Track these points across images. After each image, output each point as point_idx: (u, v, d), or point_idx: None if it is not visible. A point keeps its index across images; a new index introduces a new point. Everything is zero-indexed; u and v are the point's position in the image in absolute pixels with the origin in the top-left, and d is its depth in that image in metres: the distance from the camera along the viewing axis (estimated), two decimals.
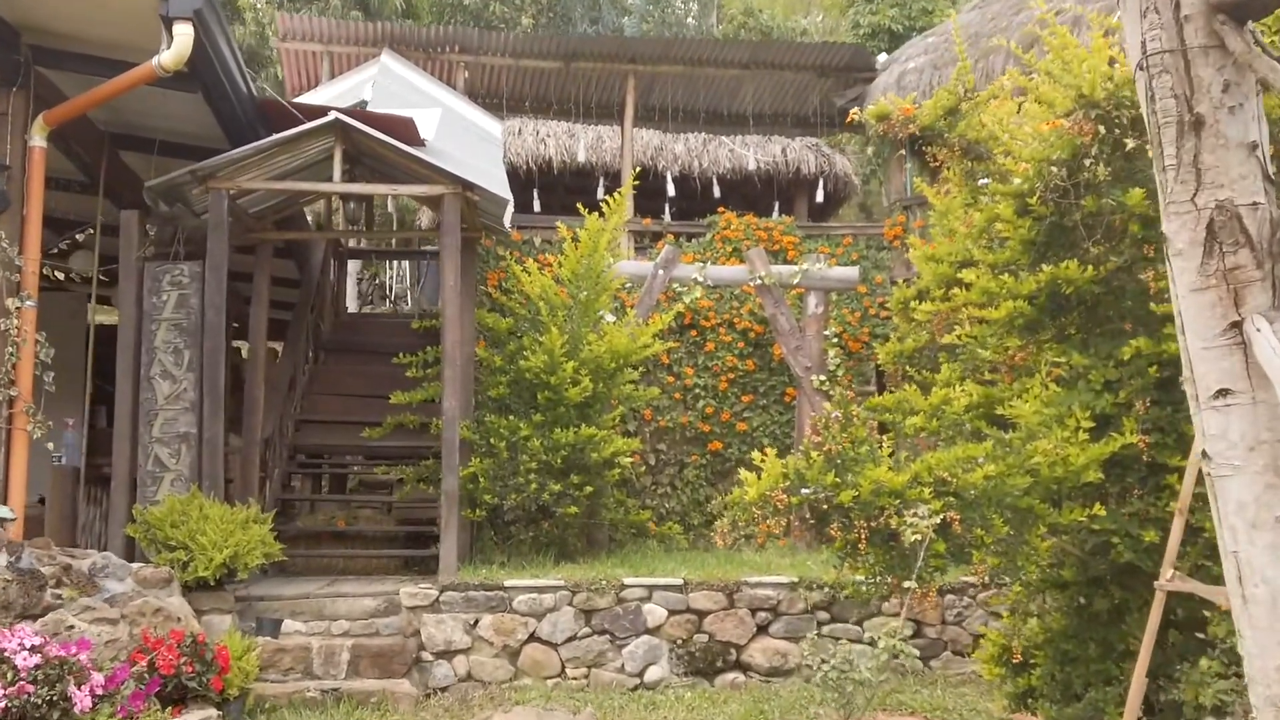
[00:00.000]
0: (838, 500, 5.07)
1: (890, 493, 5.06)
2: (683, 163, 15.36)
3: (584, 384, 9.71)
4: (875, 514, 5.05)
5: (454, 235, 8.89)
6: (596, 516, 10.43)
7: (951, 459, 5.12)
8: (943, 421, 5.51)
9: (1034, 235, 5.53)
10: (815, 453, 5.25)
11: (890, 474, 5.06)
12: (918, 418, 5.51)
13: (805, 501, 5.07)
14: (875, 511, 5.05)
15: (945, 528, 4.98)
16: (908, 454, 5.45)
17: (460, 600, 8.26)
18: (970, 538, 5.12)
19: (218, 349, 8.51)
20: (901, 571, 5.21)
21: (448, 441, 8.75)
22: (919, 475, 5.11)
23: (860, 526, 5.05)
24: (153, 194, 8.67)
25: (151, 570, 7.68)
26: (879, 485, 5.05)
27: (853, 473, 5.25)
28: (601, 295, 10.43)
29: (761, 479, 5.17)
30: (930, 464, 5.13)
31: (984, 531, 5.09)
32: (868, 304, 12.99)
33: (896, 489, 5.05)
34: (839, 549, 5.54)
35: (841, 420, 5.29)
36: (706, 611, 8.45)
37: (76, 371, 9.83)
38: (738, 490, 5.24)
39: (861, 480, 5.08)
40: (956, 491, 5.07)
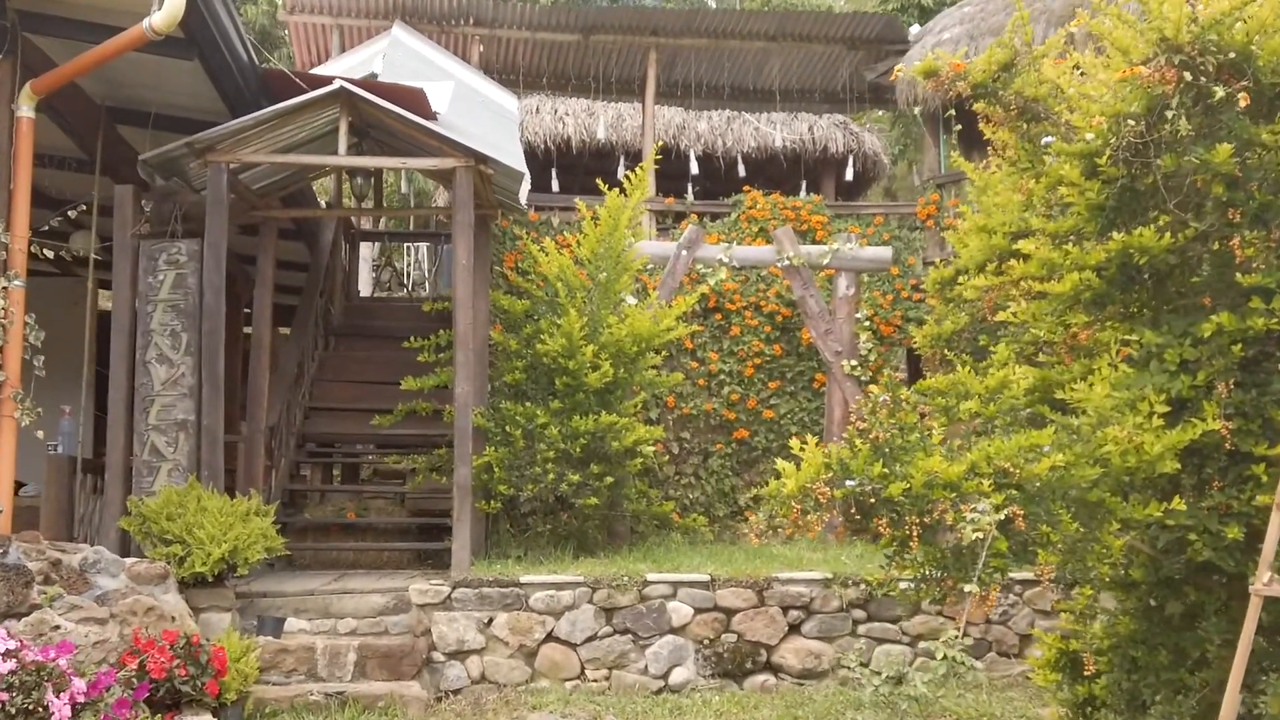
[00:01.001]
0: (886, 493, 4.54)
1: (945, 485, 4.53)
2: (706, 141, 14.85)
3: (604, 369, 9.21)
4: (928, 509, 4.52)
5: (466, 212, 8.39)
6: (617, 508, 9.94)
7: (1013, 448, 4.59)
8: (1000, 406, 4.97)
9: (1103, 199, 4.98)
10: (861, 441, 4.72)
11: (944, 464, 4.54)
12: (972, 402, 4.97)
13: (850, 495, 4.55)
14: (928, 506, 4.53)
15: (1007, 524, 4.45)
16: (961, 442, 4.91)
17: (473, 597, 7.79)
18: (1034, 535, 4.59)
19: (217, 332, 8.05)
20: (957, 572, 4.69)
21: (460, 430, 8.27)
22: (976, 466, 4.58)
23: (911, 522, 4.53)
24: (148, 168, 8.20)
25: (146, 565, 7.23)
26: (932, 477, 4.52)
27: (901, 463, 4.72)
28: (622, 276, 9.93)
29: (801, 470, 4.66)
30: (989, 453, 4.61)
31: (1050, 528, 4.55)
32: (899, 286, 12.44)
33: (952, 481, 4.53)
34: (884, 546, 5.02)
35: (890, 405, 4.77)
36: (735, 609, 7.95)
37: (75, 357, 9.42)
38: (774, 482, 4.73)
39: (913, 471, 4.56)
40: (1019, 484, 4.54)
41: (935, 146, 13.27)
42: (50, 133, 9.23)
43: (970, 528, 4.26)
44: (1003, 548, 4.47)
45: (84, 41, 7.73)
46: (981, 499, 4.49)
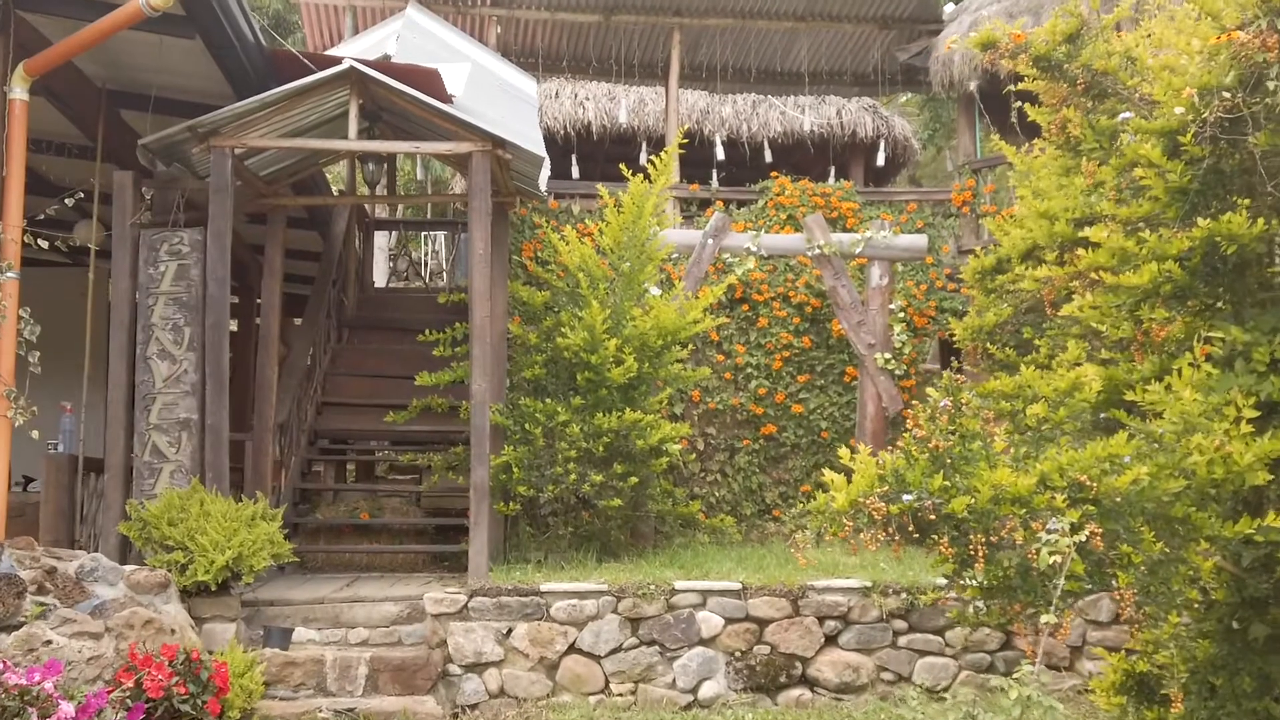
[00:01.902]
0: (948, 509, 4.09)
1: (1013, 500, 4.08)
2: (730, 127, 14.34)
3: (628, 363, 8.77)
4: (995, 526, 4.07)
5: (483, 198, 7.95)
6: (642, 508, 9.52)
7: (1089, 458, 4.12)
8: (1071, 410, 4.50)
9: (1186, 182, 4.50)
10: (918, 450, 4.26)
11: (1013, 476, 4.08)
12: (1039, 406, 4.51)
13: (907, 510, 4.09)
14: (995, 523, 4.07)
15: (1082, 544, 3.99)
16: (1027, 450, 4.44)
17: (491, 606, 7.36)
18: (1113, 555, 4.13)
19: (221, 325, 7.64)
20: (1025, 596, 4.23)
21: (477, 428, 7.83)
22: (1048, 478, 4.12)
23: (977, 542, 4.07)
24: (149, 153, 7.80)
25: (146, 574, 6.84)
26: (999, 490, 4.06)
27: (963, 474, 4.26)
28: (647, 266, 9.47)
29: (853, 482, 4.20)
30: (1062, 464, 4.14)
31: (1131, 547, 4.09)
32: (934, 275, 11.94)
33: (1021, 495, 4.07)
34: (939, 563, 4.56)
35: (951, 410, 4.31)
36: (768, 620, 7.50)
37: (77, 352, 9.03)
38: (823, 496, 4.28)
39: (978, 484, 4.10)
40: (1096, 498, 4.07)
41: (970, 130, 12.75)
42: (50, 117, 8.87)
43: (1046, 550, 3.79)
44: (1079, 569, 4.01)
45: (80, 20, 7.34)
46: (1054, 516, 4.03)
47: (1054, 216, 5.58)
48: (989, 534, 4.07)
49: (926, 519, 4.10)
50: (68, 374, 9.15)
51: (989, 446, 4.32)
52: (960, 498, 4.07)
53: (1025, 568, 4.27)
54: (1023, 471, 4.15)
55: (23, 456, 10.20)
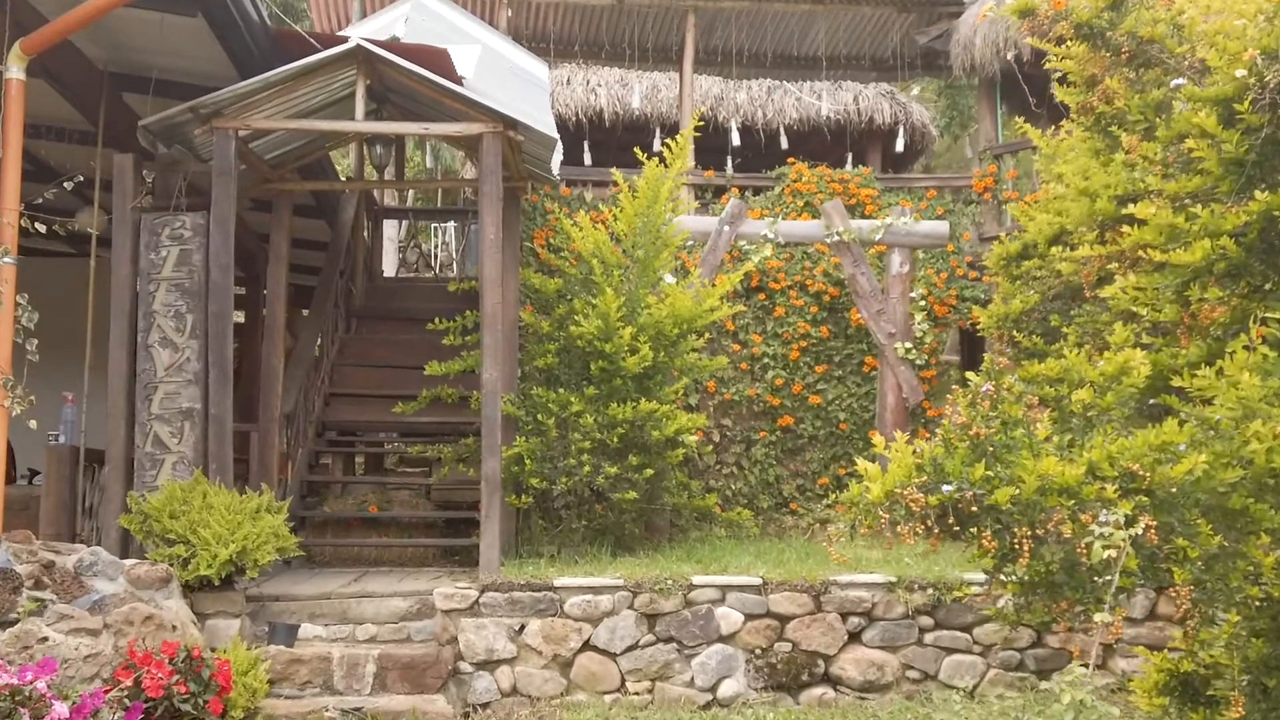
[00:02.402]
0: (990, 500, 3.83)
1: (1060, 490, 3.82)
2: (745, 113, 14.06)
3: (643, 352, 8.52)
4: (1041, 519, 3.81)
5: (494, 182, 7.70)
6: (657, 501, 9.26)
7: (1140, 446, 3.86)
8: (1119, 396, 4.24)
9: (1243, 152, 4.23)
10: (958, 438, 4.01)
11: (1059, 466, 3.82)
12: (1084, 391, 4.24)
13: (947, 502, 3.84)
14: (1041, 515, 3.81)
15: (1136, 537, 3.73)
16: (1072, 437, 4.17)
17: (503, 602, 7.13)
18: (1167, 549, 3.87)
19: (224, 313, 7.41)
20: (1074, 593, 3.97)
21: (488, 419, 7.59)
22: (1097, 467, 3.86)
23: (1021, 535, 3.81)
24: (149, 135, 7.56)
25: (147, 568, 6.62)
26: (1046, 481, 3.80)
27: (1004, 463, 4.00)
28: (662, 253, 9.21)
29: (888, 472, 3.95)
30: (1111, 453, 3.88)
31: (1187, 542, 3.83)
32: (954, 263, 11.66)
33: (1069, 486, 3.81)
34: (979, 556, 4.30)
35: (994, 395, 4.05)
36: (789, 616, 7.25)
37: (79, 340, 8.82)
38: (856, 486, 4.02)
39: (1022, 474, 3.84)
40: (1150, 489, 3.81)
41: (991, 115, 12.47)
42: (51, 101, 8.66)
43: (1100, 544, 3.53)
44: (1132, 565, 3.75)
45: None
46: (1105, 508, 3.77)
47: (1094, 194, 5.31)
48: (1034, 527, 3.80)
49: (968, 511, 3.84)
50: (70, 363, 8.94)
51: (1032, 434, 4.05)
52: (1004, 488, 3.82)
53: (1072, 562, 4.01)
54: (1069, 460, 3.89)
55: (34, 450, 10.04)
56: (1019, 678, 7.27)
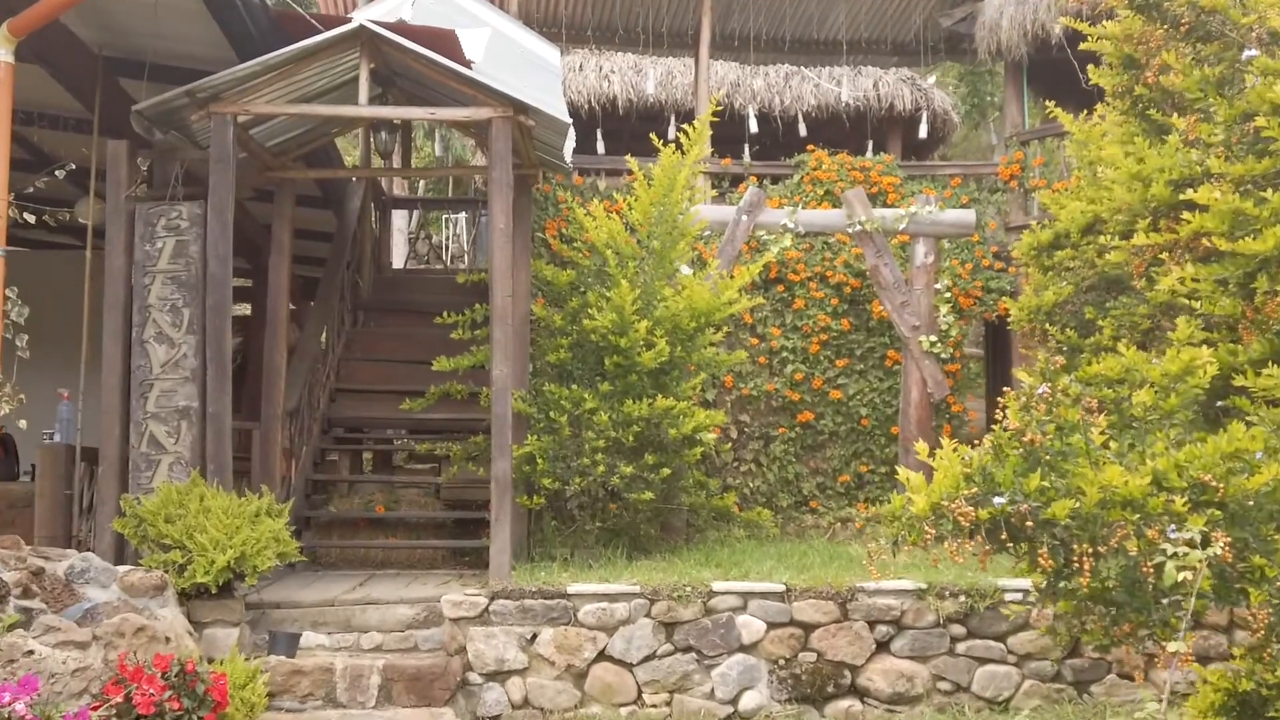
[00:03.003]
0: (1047, 514, 3.48)
1: (1124, 503, 3.47)
2: (762, 100, 13.69)
3: (659, 347, 8.18)
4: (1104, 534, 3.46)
5: (504, 169, 7.36)
6: (673, 501, 8.94)
7: (1211, 454, 3.51)
8: (1182, 397, 3.88)
9: None
10: (1010, 444, 3.66)
11: (1123, 476, 3.47)
12: (1145, 392, 3.89)
13: (999, 515, 3.49)
14: (1103, 531, 3.46)
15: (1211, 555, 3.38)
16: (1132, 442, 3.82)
17: (514, 610, 6.80)
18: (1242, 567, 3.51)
19: (222, 307, 7.09)
20: (1137, 615, 3.62)
21: (498, 416, 7.26)
22: (1164, 477, 3.51)
23: (1082, 552, 3.47)
24: (144, 120, 7.23)
25: (141, 575, 6.32)
26: (1108, 492, 3.45)
27: (1060, 472, 3.65)
28: (679, 243, 8.87)
29: (934, 482, 3.60)
30: (1179, 461, 3.53)
31: (1265, 559, 3.48)
32: (979, 253, 11.28)
33: (1133, 498, 3.46)
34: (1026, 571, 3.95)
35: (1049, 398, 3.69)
36: (814, 624, 6.92)
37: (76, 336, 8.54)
38: (898, 498, 3.68)
39: (1082, 484, 3.49)
40: (1222, 501, 3.46)
41: (1017, 100, 12.08)
42: (46, 87, 8.36)
43: (1172, 564, 3.18)
44: (1206, 587, 3.40)
45: None
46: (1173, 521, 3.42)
47: (1148, 178, 4.93)
48: (1096, 543, 3.45)
49: (1022, 525, 3.49)
50: (67, 359, 8.67)
51: (1090, 440, 3.70)
52: (1062, 501, 3.47)
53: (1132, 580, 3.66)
54: (1133, 470, 3.54)
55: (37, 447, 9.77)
56: (1056, 689, 6.92)
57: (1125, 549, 3.46)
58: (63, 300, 9.00)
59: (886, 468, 10.88)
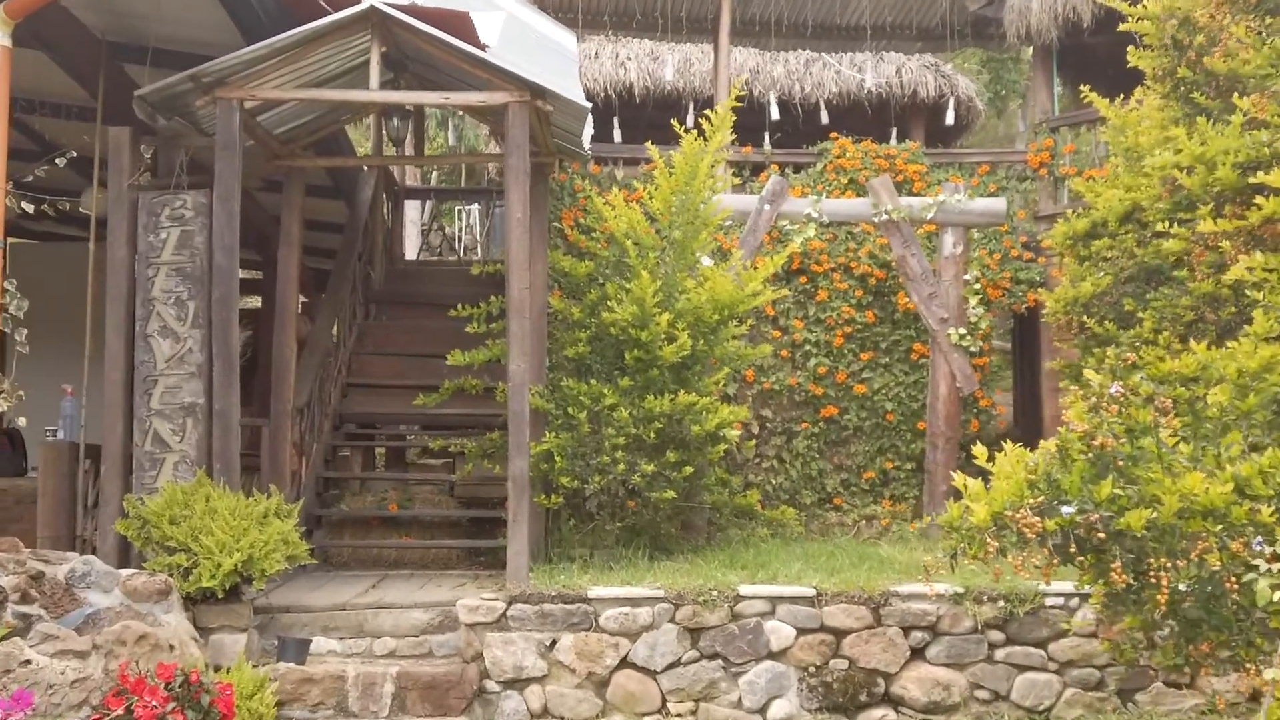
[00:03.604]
0: (1119, 524, 3.18)
1: (1204, 512, 3.17)
2: (782, 87, 13.35)
3: (681, 340, 7.89)
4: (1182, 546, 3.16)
5: (521, 156, 7.07)
6: (695, 499, 8.65)
7: None
8: (1261, 397, 3.58)
9: None
10: (1077, 448, 3.36)
11: (1202, 483, 3.17)
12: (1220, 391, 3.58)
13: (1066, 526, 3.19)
14: (1181, 543, 3.16)
15: None
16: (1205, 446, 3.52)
17: (533, 615, 6.53)
18: None
19: (229, 299, 6.82)
20: (1216, 634, 3.32)
21: (515, 414, 6.98)
22: (1247, 484, 3.21)
23: (1160, 565, 3.17)
24: (147, 106, 6.95)
25: (144, 579, 6.07)
26: (1188, 501, 3.15)
27: (1130, 478, 3.35)
28: (700, 233, 8.57)
29: (994, 489, 3.30)
30: (1264, 467, 3.23)
31: None
32: (1008, 243, 10.95)
33: (1214, 507, 3.16)
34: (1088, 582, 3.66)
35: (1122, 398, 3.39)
36: (846, 630, 6.63)
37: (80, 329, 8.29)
38: (955, 507, 3.38)
39: (1158, 492, 3.19)
40: None
41: (1047, 86, 11.74)
42: (50, 73, 8.12)
43: (1266, 582, 2.89)
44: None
45: None
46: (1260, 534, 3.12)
47: (1212, 161, 4.62)
48: (1174, 556, 3.16)
49: (1092, 536, 3.19)
50: (71, 354, 8.43)
51: (1163, 443, 3.40)
52: (1135, 510, 3.17)
53: (1210, 596, 3.36)
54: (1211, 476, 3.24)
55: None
56: (1099, 698, 6.62)
57: (1206, 562, 3.17)
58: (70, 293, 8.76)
59: (913, 464, 10.59)
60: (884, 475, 10.65)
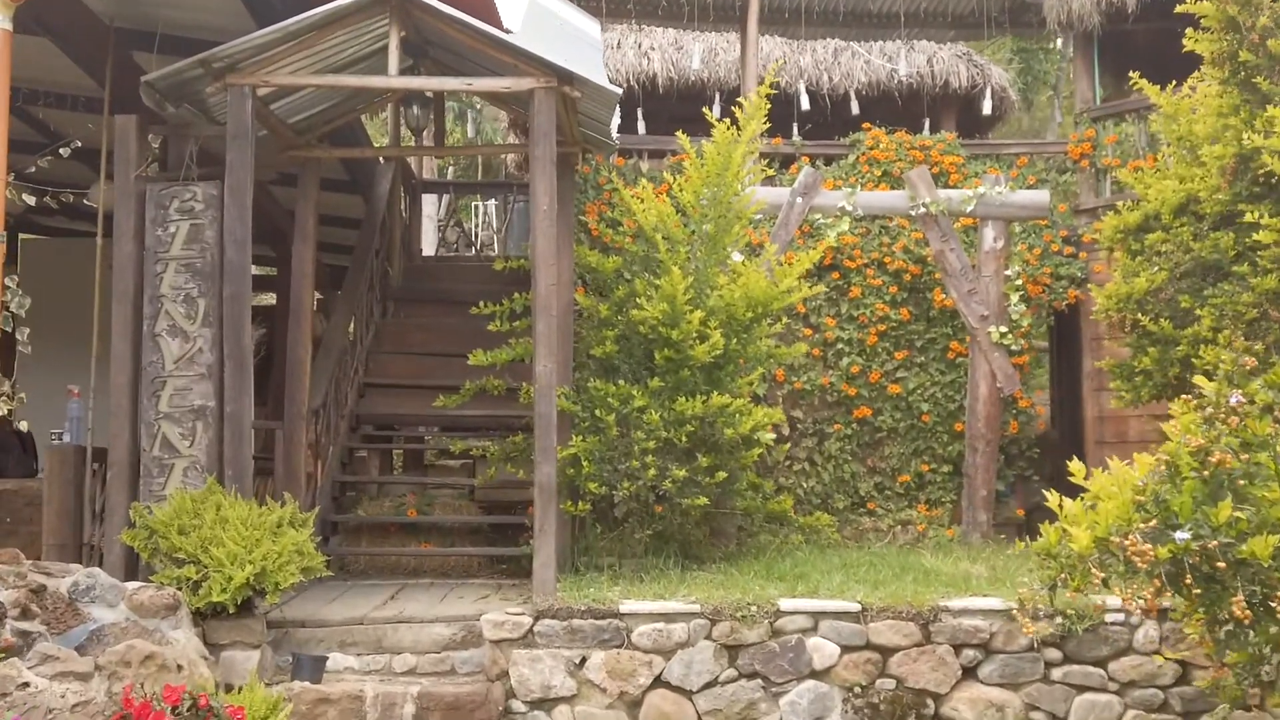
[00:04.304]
0: (1240, 552, 2.80)
1: None
2: (810, 77, 12.96)
3: (713, 339, 7.53)
4: None
5: (547, 145, 6.71)
6: (726, 505, 8.28)
7: None
8: None
9: None
10: (1188, 464, 2.97)
11: None
12: None
13: (1181, 553, 2.81)
14: None
15: None
16: None
17: (561, 631, 6.17)
18: None
19: (241, 296, 6.48)
20: None
21: (542, 417, 6.62)
22: None
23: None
24: (154, 93, 6.61)
25: (151, 594, 5.74)
26: None
27: (1241, 497, 2.97)
28: (733, 226, 8.19)
29: (1098, 510, 2.92)
30: None
31: None
32: (1048, 237, 10.53)
33: None
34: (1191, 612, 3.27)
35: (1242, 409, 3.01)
36: (893, 648, 6.24)
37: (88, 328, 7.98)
38: (1051, 531, 3.00)
39: None
40: None
41: (1088, 74, 11.30)
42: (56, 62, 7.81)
43: None
44: None
45: None
46: None
47: None
48: None
49: (1211, 566, 2.81)
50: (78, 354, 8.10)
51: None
52: (1261, 537, 2.78)
53: None
54: None
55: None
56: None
57: None
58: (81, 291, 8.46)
59: (949, 467, 10.20)
60: (919, 478, 10.25)
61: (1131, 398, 8.00)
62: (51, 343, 8.68)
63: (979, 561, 7.78)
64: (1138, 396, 7.93)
